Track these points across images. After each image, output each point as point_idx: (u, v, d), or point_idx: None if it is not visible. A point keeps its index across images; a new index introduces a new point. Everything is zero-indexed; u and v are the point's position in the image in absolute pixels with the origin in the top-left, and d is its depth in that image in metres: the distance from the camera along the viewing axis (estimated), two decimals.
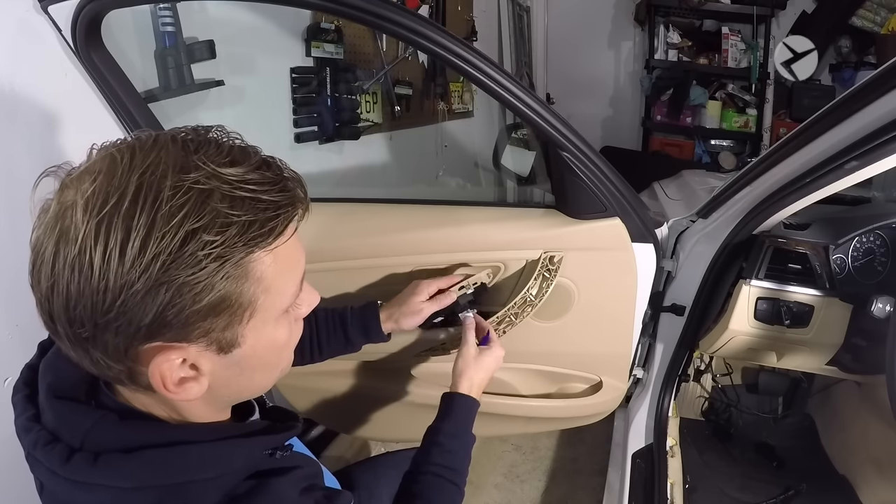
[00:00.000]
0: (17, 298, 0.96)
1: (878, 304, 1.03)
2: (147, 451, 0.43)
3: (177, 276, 0.38)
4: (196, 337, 0.41)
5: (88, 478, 0.43)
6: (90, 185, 0.39)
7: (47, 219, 0.40)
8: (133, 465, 0.43)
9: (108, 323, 0.38)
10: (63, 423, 0.46)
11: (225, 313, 0.41)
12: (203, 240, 0.38)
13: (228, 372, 0.46)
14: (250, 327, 0.44)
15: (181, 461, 0.44)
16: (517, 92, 0.85)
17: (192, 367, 0.43)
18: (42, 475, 0.46)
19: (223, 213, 0.39)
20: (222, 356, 0.44)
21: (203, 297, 0.39)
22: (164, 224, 0.37)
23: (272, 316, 0.46)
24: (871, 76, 0.76)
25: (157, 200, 0.38)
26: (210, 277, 0.39)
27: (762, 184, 1.03)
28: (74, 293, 0.38)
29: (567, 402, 1.25)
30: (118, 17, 1.01)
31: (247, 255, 0.40)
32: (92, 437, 0.44)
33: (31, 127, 0.97)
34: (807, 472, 1.46)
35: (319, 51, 1.67)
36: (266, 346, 0.47)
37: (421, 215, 1.11)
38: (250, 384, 0.50)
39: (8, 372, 0.95)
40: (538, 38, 3.61)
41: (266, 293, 0.43)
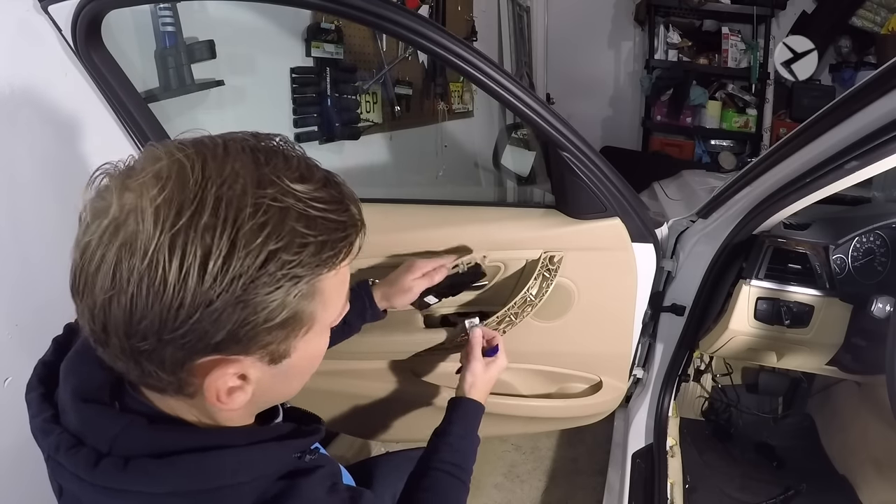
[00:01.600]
0: (17, 298, 0.96)
1: (878, 304, 1.03)
2: (181, 457, 0.42)
3: (255, 295, 0.38)
4: (255, 350, 0.42)
5: (118, 483, 0.42)
6: (159, 193, 0.37)
7: (105, 223, 0.38)
8: (166, 471, 0.42)
9: (175, 339, 0.38)
10: (89, 426, 0.44)
11: (288, 328, 0.42)
12: (282, 259, 0.38)
13: (273, 381, 0.46)
14: (304, 340, 0.45)
15: (216, 466, 0.44)
16: (517, 92, 0.85)
17: (242, 377, 0.43)
18: (64, 480, 0.45)
19: (300, 232, 0.39)
20: (272, 366, 0.44)
21: (276, 314, 0.39)
22: (248, 243, 0.37)
23: (323, 328, 0.47)
24: (871, 76, 0.76)
25: (238, 218, 0.37)
26: (285, 296, 0.39)
27: (762, 184, 1.03)
28: (140, 307, 0.36)
29: (567, 402, 1.25)
30: (118, 17, 1.01)
31: (318, 275, 0.41)
32: (121, 442, 0.43)
33: (31, 127, 0.97)
34: (807, 472, 1.46)
35: (319, 51, 1.67)
36: (311, 356, 0.48)
37: (421, 215, 1.11)
38: (287, 390, 0.51)
39: (8, 372, 0.96)
40: (538, 38, 3.61)
41: (324, 308, 0.44)
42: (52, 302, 1.02)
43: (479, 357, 0.92)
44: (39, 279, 0.99)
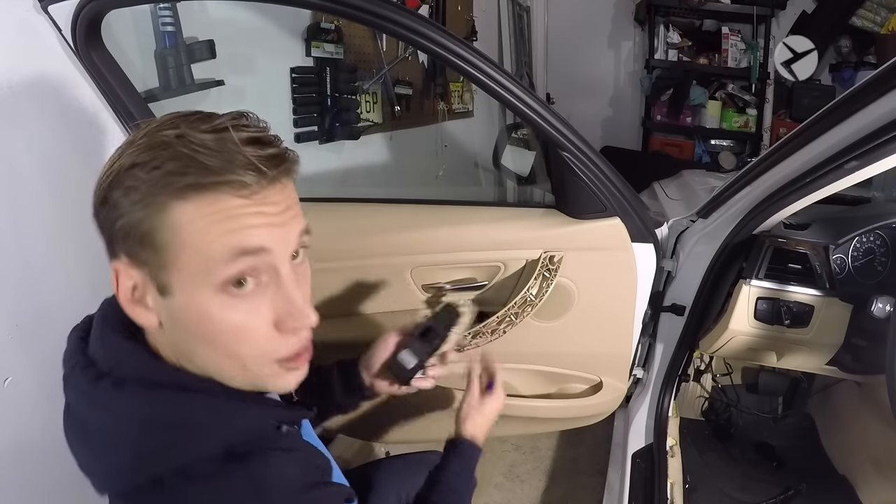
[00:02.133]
0: (17, 298, 0.96)
1: (878, 304, 1.03)
2: (164, 390, 0.49)
3: (113, 194, 0.45)
4: (139, 262, 0.47)
5: (108, 400, 0.49)
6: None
7: None
8: (150, 399, 0.48)
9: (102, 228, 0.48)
10: (101, 349, 0.52)
11: (152, 248, 0.46)
12: (135, 174, 0.45)
13: (173, 322, 0.49)
14: (180, 280, 0.46)
15: (196, 405, 0.49)
16: (517, 92, 0.85)
17: (142, 297, 0.49)
18: (71, 396, 0.53)
19: (160, 159, 0.45)
20: (162, 298, 0.48)
21: (123, 218, 0.45)
22: (122, 157, 0.46)
23: (200, 280, 0.46)
24: (871, 76, 0.76)
25: (130, 142, 0.47)
26: (131, 205, 0.45)
27: (762, 184, 1.03)
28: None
29: (567, 402, 1.25)
30: (118, 17, 1.01)
31: (160, 195, 0.44)
32: (121, 367, 0.50)
33: (31, 127, 0.97)
34: (807, 472, 1.46)
35: (319, 51, 1.67)
36: (199, 313, 0.47)
37: (421, 215, 1.11)
38: (198, 353, 0.50)
39: (8, 372, 0.95)
40: (538, 38, 3.61)
41: (185, 248, 0.45)
42: (52, 302, 1.02)
43: (475, 389, 0.91)
44: (39, 279, 0.99)
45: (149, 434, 0.48)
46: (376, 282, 1.13)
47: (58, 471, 1.03)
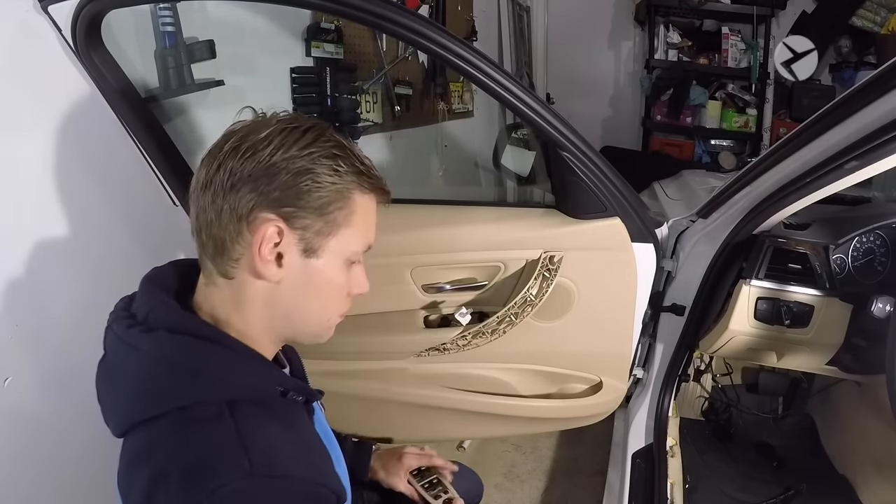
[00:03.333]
0: (17, 298, 0.96)
1: (878, 304, 1.03)
2: (186, 336, 0.54)
3: (316, 170, 0.55)
4: (298, 226, 0.56)
5: (136, 342, 0.55)
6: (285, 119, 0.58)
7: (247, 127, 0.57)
8: (171, 342, 0.54)
9: (257, 179, 0.54)
10: (140, 301, 0.59)
11: (322, 218, 0.56)
12: (338, 162, 0.57)
13: (299, 279, 0.58)
14: (329, 248, 0.58)
15: (207, 352, 0.55)
16: (517, 92, 0.85)
17: (279, 255, 0.56)
18: (107, 344, 0.59)
19: (353, 160, 0.58)
20: (303, 259, 0.57)
21: (321, 190, 0.55)
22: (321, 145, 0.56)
23: (343, 253, 0.59)
24: (871, 76, 0.76)
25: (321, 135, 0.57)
26: (331, 183, 0.56)
27: (762, 184, 1.03)
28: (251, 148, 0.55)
29: (567, 402, 1.25)
30: (118, 17, 1.01)
31: (352, 185, 0.58)
32: (154, 316, 0.56)
33: (31, 127, 0.97)
34: (807, 472, 1.46)
35: (319, 51, 1.66)
36: (330, 277, 0.59)
37: (421, 215, 1.11)
38: (305, 307, 0.60)
39: (8, 372, 0.95)
40: (538, 38, 3.61)
41: (349, 227, 0.58)
42: (53, 302, 1.02)
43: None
44: (40, 279, 0.99)
45: (162, 373, 0.53)
46: (376, 282, 1.13)
47: (58, 470, 1.03)
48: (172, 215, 1.20)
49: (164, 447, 0.51)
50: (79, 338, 1.05)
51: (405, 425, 1.28)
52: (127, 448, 0.55)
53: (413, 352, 1.16)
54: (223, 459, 0.49)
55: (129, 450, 0.55)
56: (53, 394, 1.02)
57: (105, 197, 1.12)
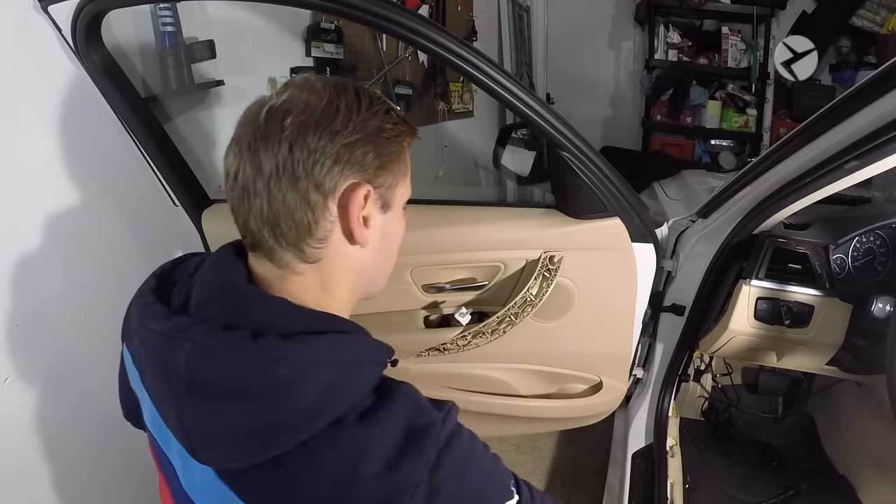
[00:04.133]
0: (17, 298, 0.96)
1: (878, 304, 1.03)
2: (330, 335, 0.52)
3: (386, 127, 0.55)
4: (378, 184, 0.56)
5: (276, 354, 0.49)
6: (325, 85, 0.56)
7: (284, 104, 0.54)
8: (322, 344, 0.51)
9: (337, 148, 0.52)
10: (240, 307, 0.53)
11: (392, 171, 0.57)
12: (393, 117, 0.57)
13: (381, 236, 0.59)
14: (396, 198, 0.59)
15: (357, 346, 0.54)
16: (517, 92, 0.85)
17: (365, 220, 0.55)
18: (212, 362, 0.50)
19: (395, 113, 0.58)
20: (382, 214, 0.58)
21: (392, 145, 0.56)
22: (377, 103, 0.56)
23: (402, 200, 0.61)
24: (871, 76, 0.76)
25: (370, 95, 0.57)
26: (396, 136, 0.57)
27: (762, 184, 1.03)
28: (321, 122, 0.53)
29: (567, 402, 1.25)
30: (118, 17, 1.01)
31: (404, 133, 0.58)
32: (278, 320, 0.52)
33: (30, 127, 0.97)
34: (807, 472, 1.46)
35: (319, 51, 1.66)
36: (397, 226, 0.62)
37: (421, 215, 1.11)
38: (384, 263, 0.63)
39: (8, 372, 0.95)
40: (538, 38, 3.61)
41: (405, 175, 0.60)
42: (52, 302, 1.02)
43: None
44: (39, 279, 0.99)
45: (328, 376, 0.50)
46: None
47: (58, 470, 1.03)
48: (172, 215, 1.20)
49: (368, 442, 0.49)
50: (79, 338, 1.05)
51: None
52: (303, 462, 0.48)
53: (413, 352, 1.16)
54: (420, 423, 0.50)
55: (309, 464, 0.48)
56: (53, 393, 1.02)
57: (105, 197, 1.12)
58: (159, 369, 0.53)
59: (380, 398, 0.52)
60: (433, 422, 0.51)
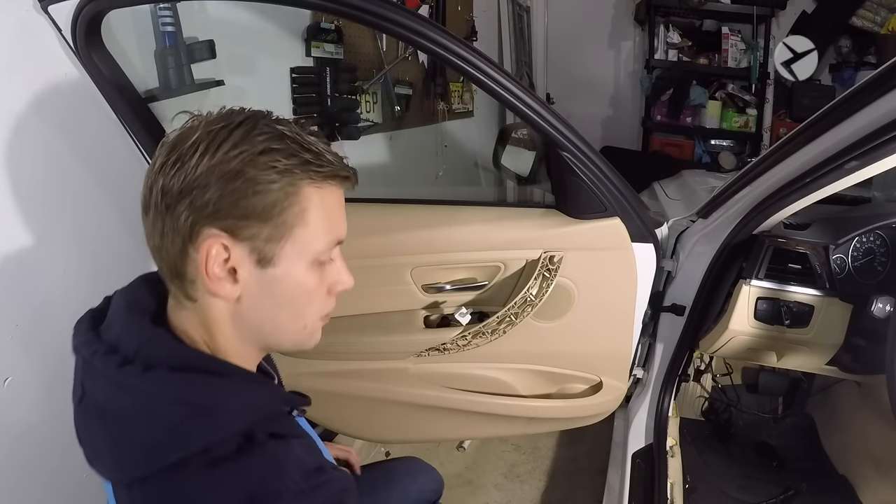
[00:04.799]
0: (17, 298, 0.96)
1: (878, 304, 1.03)
2: (193, 373, 0.51)
3: (249, 172, 0.49)
4: (244, 236, 0.51)
5: (135, 383, 0.49)
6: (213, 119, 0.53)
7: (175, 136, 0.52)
8: (179, 381, 0.50)
9: (192, 200, 0.49)
10: (125, 334, 0.53)
11: (270, 223, 0.51)
12: (275, 155, 0.50)
13: (260, 291, 0.53)
14: (286, 253, 0.53)
15: (220, 388, 0.51)
16: (517, 92, 0.85)
17: (232, 271, 0.52)
18: (91, 383, 0.53)
19: (294, 149, 0.51)
20: (259, 269, 0.52)
21: (260, 193, 0.50)
22: (252, 141, 0.50)
23: (305, 255, 0.54)
24: (871, 76, 0.76)
25: (251, 130, 0.51)
26: (269, 183, 0.50)
27: (762, 184, 1.03)
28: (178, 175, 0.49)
29: (567, 402, 1.25)
30: (118, 17, 1.01)
31: (300, 180, 0.51)
32: (146, 350, 0.51)
33: (30, 127, 0.97)
34: (807, 472, 1.46)
35: (319, 51, 1.66)
36: (295, 283, 0.54)
37: (421, 215, 1.11)
38: (274, 319, 0.56)
39: (8, 372, 0.95)
40: (538, 38, 3.60)
41: (304, 226, 0.53)
42: (52, 302, 1.02)
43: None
44: (39, 279, 0.99)
45: (177, 415, 0.49)
46: (376, 282, 1.13)
47: (58, 470, 1.03)
48: None
49: (205, 491, 0.48)
50: None
51: (405, 426, 1.28)
52: (144, 496, 0.50)
53: (413, 352, 1.16)
54: (270, 489, 0.48)
55: (151, 498, 0.50)
56: (54, 394, 1.02)
57: (105, 197, 1.12)
58: (76, 382, 0.56)
59: (240, 449, 0.49)
60: (282, 492, 0.48)
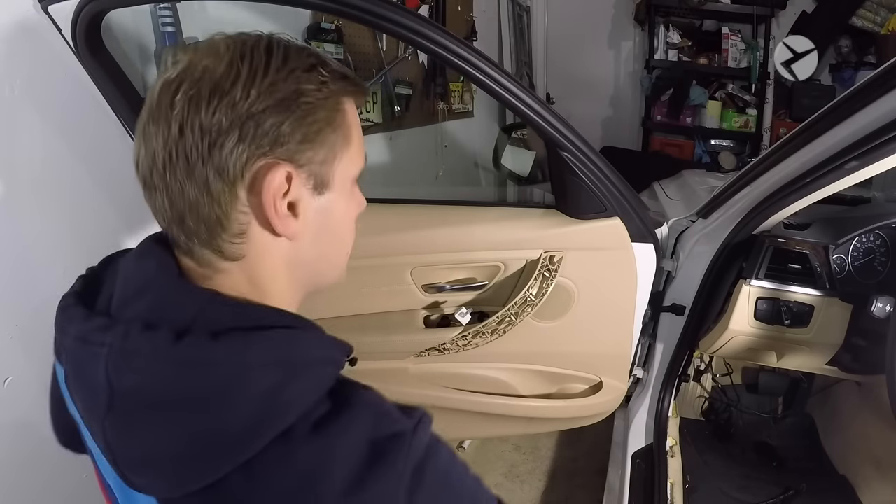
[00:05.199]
0: (17, 298, 0.96)
1: (878, 303, 1.03)
2: (271, 330, 0.44)
3: (306, 90, 0.45)
4: (303, 161, 0.46)
5: (206, 354, 0.41)
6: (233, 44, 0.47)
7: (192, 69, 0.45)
8: (262, 342, 0.43)
9: (242, 129, 0.43)
10: (169, 300, 0.45)
11: (326, 143, 0.48)
12: (323, 73, 0.47)
13: (320, 221, 0.49)
14: (338, 174, 0.50)
15: (305, 342, 0.46)
16: (517, 92, 0.85)
17: (291, 206, 0.47)
18: (132, 372, 0.42)
19: (330, 67, 0.48)
20: (317, 196, 0.49)
21: (316, 111, 0.46)
22: (299, 58, 0.46)
23: (350, 174, 0.52)
24: (871, 76, 0.76)
25: (288, 47, 0.47)
26: (324, 100, 0.47)
27: (762, 184, 1.03)
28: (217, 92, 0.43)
29: (567, 402, 1.25)
30: (118, 17, 1.01)
31: (343, 96, 0.49)
32: (208, 315, 0.44)
33: (30, 127, 0.97)
34: (807, 472, 1.46)
35: (319, 51, 1.67)
36: (344, 208, 0.52)
37: (421, 215, 1.11)
38: (330, 251, 0.54)
39: (8, 372, 0.95)
40: (538, 38, 3.61)
41: (349, 144, 0.50)
42: (52, 302, 1.02)
43: None
44: (39, 279, 0.99)
45: (273, 381, 0.41)
46: (376, 282, 1.13)
47: (58, 470, 1.03)
48: None
49: (323, 456, 0.41)
50: None
51: None
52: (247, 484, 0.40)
53: (413, 352, 1.16)
54: (387, 434, 0.44)
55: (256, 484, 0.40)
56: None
57: (105, 197, 1.12)
58: (81, 383, 0.46)
59: (336, 404, 0.44)
60: (402, 431, 0.44)
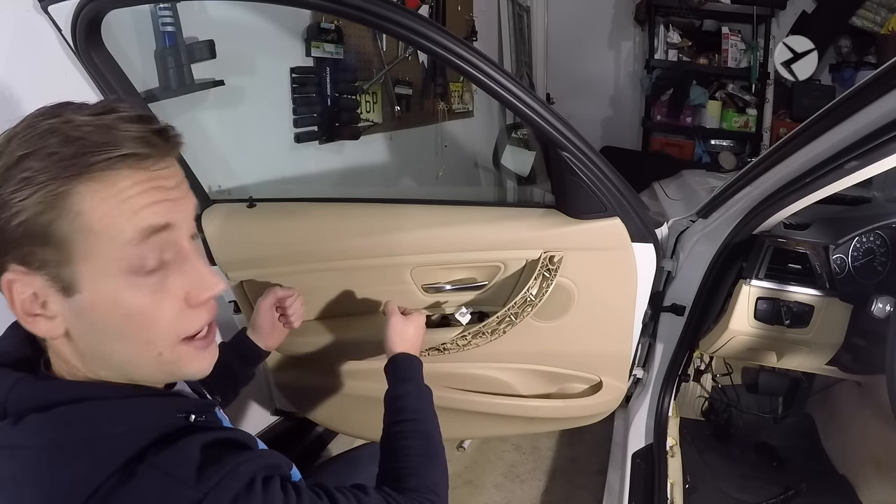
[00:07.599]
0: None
1: (878, 303, 1.03)
2: (58, 408, 0.44)
3: (3, 193, 0.41)
4: (35, 265, 0.43)
5: (9, 440, 0.43)
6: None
7: None
8: (46, 423, 0.43)
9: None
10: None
11: (50, 245, 0.42)
12: (28, 164, 0.41)
13: (82, 324, 0.46)
14: (86, 272, 0.44)
15: (89, 416, 0.45)
16: (517, 92, 0.85)
17: (43, 304, 0.45)
18: None
19: (52, 146, 0.42)
20: (67, 299, 0.44)
21: (21, 216, 0.41)
22: (8, 154, 0.42)
23: (112, 267, 0.44)
24: (871, 76, 0.76)
25: (10, 138, 0.43)
26: (27, 198, 0.41)
27: (762, 184, 1.03)
28: None
29: (567, 402, 1.25)
30: (118, 17, 1.01)
31: (61, 185, 0.42)
32: (12, 400, 0.45)
33: None
34: (807, 472, 1.46)
35: (319, 51, 1.66)
36: (111, 304, 0.45)
37: (421, 215, 1.11)
38: (113, 351, 0.47)
39: None
40: (538, 38, 3.61)
41: (91, 235, 0.43)
42: None
43: (397, 312, 0.94)
44: None
45: (58, 461, 0.42)
46: (376, 281, 1.13)
47: None
48: None
49: None
50: None
51: None
52: None
53: None
54: None
55: None
56: None
57: None
58: None
59: (121, 480, 0.43)
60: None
